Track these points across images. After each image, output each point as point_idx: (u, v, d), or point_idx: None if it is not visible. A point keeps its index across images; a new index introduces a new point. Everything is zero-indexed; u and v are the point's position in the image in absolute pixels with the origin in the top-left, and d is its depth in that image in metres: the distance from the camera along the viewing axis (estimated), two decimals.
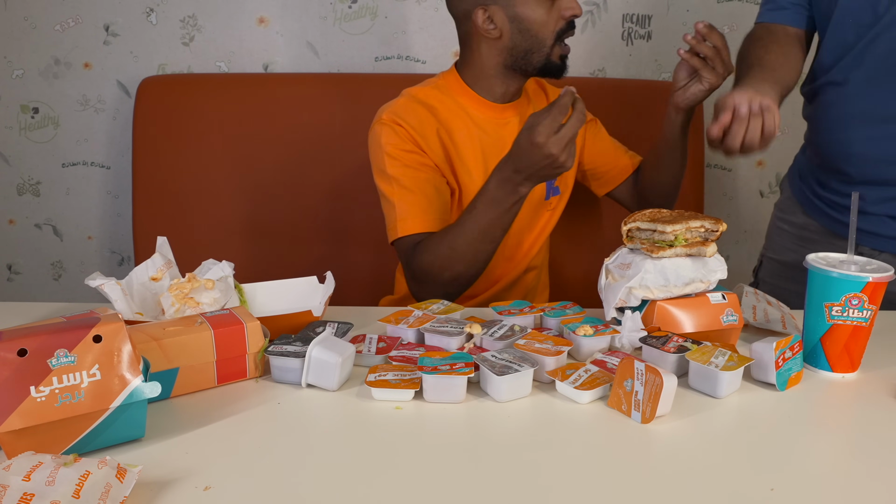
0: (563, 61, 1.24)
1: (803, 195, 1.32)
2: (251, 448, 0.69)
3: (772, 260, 1.39)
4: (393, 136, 1.21)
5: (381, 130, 1.23)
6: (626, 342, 0.91)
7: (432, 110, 1.24)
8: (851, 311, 0.85)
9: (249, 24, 1.83)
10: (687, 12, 1.84)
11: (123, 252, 1.99)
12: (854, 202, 0.89)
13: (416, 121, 1.22)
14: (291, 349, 0.83)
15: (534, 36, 1.20)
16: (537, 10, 1.18)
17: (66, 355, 0.64)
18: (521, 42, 1.20)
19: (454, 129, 1.25)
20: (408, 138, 1.21)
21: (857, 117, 1.16)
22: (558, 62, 1.23)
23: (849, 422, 0.80)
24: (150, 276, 0.97)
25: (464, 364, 0.80)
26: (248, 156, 1.76)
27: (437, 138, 1.23)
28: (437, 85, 1.28)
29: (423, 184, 1.21)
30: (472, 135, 1.26)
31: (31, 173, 1.93)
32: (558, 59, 1.23)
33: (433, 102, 1.25)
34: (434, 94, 1.27)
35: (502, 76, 1.25)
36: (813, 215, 1.30)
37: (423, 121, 1.22)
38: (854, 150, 1.18)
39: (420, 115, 1.23)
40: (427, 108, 1.24)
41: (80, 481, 0.56)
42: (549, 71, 1.24)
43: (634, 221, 0.97)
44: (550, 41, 1.20)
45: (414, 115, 1.22)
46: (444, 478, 0.65)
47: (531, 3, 1.18)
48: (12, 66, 1.85)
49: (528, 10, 1.18)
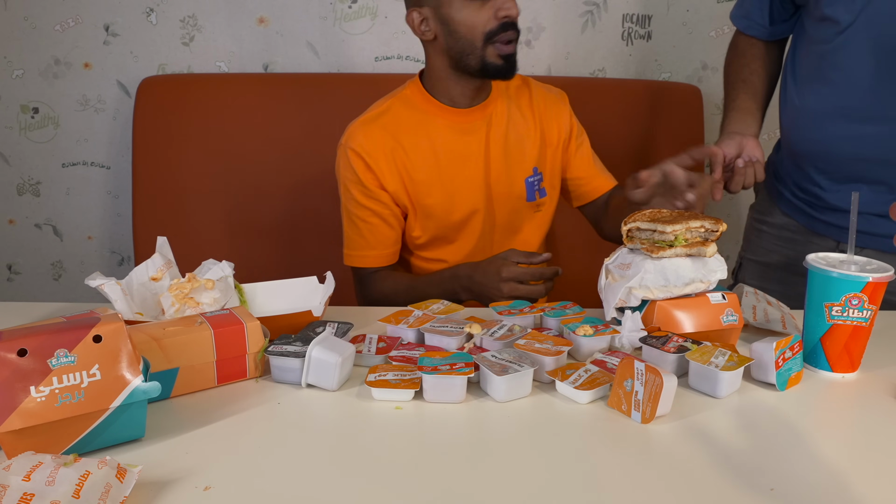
0: (506, 61, 1.20)
1: (780, 195, 1.33)
2: (251, 448, 0.69)
3: (751, 261, 1.40)
4: (347, 164, 1.26)
5: (339, 153, 1.29)
6: (626, 342, 0.91)
7: (390, 129, 1.26)
8: (851, 311, 0.85)
9: (249, 24, 1.83)
10: (687, 12, 1.84)
11: (123, 252, 1.99)
12: (854, 202, 0.89)
13: (371, 146, 1.25)
14: (291, 349, 0.82)
15: (462, 38, 1.18)
16: (462, 11, 1.17)
17: (66, 355, 0.64)
18: (454, 44, 1.20)
19: (410, 146, 1.26)
20: (361, 165, 1.25)
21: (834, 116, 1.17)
22: (499, 63, 1.20)
23: (849, 422, 0.80)
24: (150, 276, 0.97)
25: (464, 364, 0.79)
26: (248, 156, 1.76)
27: (392, 160, 1.25)
28: (400, 96, 1.30)
29: (370, 218, 1.28)
30: (429, 147, 1.27)
31: (31, 173, 1.93)
32: (498, 59, 1.19)
33: (392, 119, 1.27)
34: (395, 108, 1.28)
35: (454, 78, 1.25)
36: (792, 214, 1.31)
37: (379, 144, 1.25)
38: (832, 148, 1.18)
39: (375, 138, 1.25)
40: (383, 130, 1.25)
41: (80, 481, 0.56)
42: (492, 73, 1.22)
43: (634, 221, 0.97)
44: (480, 43, 1.18)
45: (369, 140, 1.25)
46: (444, 478, 0.65)
47: (456, 5, 1.16)
48: (12, 66, 1.86)
49: (453, 11, 1.17)
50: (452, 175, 1.28)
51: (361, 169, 1.25)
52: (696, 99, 1.81)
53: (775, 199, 1.34)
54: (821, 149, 1.21)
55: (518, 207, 1.33)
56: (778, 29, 1.29)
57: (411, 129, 1.27)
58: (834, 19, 1.12)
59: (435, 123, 1.27)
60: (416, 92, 1.29)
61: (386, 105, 1.29)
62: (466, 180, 1.29)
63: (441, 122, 1.27)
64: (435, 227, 1.30)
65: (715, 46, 1.86)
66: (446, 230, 1.31)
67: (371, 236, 1.29)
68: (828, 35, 1.15)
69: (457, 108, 1.27)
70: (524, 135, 1.32)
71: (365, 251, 1.31)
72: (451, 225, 1.31)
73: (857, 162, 1.17)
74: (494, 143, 1.29)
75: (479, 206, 1.30)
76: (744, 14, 1.32)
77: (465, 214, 1.30)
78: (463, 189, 1.29)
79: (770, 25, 1.29)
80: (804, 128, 1.23)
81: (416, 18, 1.21)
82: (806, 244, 1.27)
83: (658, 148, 1.77)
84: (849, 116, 1.15)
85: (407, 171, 1.26)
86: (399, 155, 1.25)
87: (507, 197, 1.32)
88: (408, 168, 1.26)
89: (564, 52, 1.85)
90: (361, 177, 1.25)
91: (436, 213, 1.29)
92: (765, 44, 1.32)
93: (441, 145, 1.27)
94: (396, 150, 1.25)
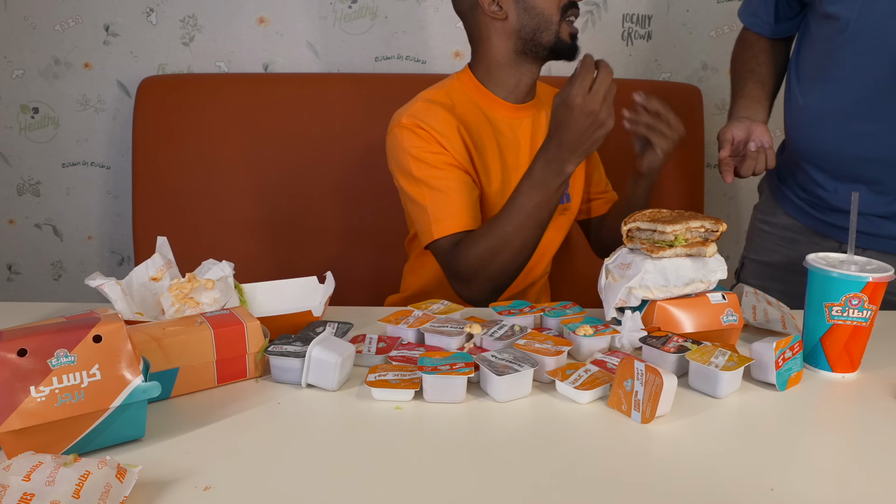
0: (573, 41, 1.22)
1: (783, 196, 1.33)
2: (251, 448, 0.69)
3: (754, 261, 1.40)
4: (416, 139, 1.20)
5: (401, 134, 1.22)
6: (626, 342, 0.91)
7: (450, 109, 1.24)
8: (851, 311, 0.85)
9: (249, 24, 1.83)
10: (687, 12, 1.84)
11: (123, 252, 1.99)
12: (854, 202, 0.89)
13: (436, 122, 1.21)
14: (291, 349, 0.82)
15: (539, 13, 1.19)
16: None
17: (66, 355, 0.64)
18: (528, 21, 1.20)
19: (472, 127, 1.25)
20: (431, 139, 1.20)
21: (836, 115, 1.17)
22: (568, 41, 1.21)
23: (849, 422, 0.80)
24: (150, 276, 0.97)
25: (464, 364, 0.79)
26: (247, 156, 1.76)
27: (459, 137, 1.22)
28: (451, 86, 1.28)
29: (452, 182, 1.20)
30: (489, 133, 1.26)
31: (31, 173, 1.93)
32: (568, 37, 1.21)
33: (449, 102, 1.25)
34: (449, 94, 1.27)
35: (515, 65, 1.24)
36: (794, 215, 1.31)
37: (443, 121, 1.21)
38: (833, 147, 1.19)
39: (439, 115, 1.22)
40: (445, 108, 1.23)
41: (80, 481, 0.56)
42: (561, 51, 1.22)
43: (634, 221, 0.97)
44: (556, 17, 1.19)
45: (434, 117, 1.21)
46: (444, 478, 0.65)
47: None
48: (12, 66, 1.85)
49: None
50: (509, 165, 1.26)
51: (431, 140, 1.19)
52: (696, 99, 1.81)
53: (778, 199, 1.35)
54: (822, 147, 1.21)
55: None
56: (783, 27, 1.30)
57: (468, 111, 1.25)
58: (836, 16, 1.13)
59: (489, 114, 1.27)
60: (467, 82, 1.28)
61: (441, 91, 1.27)
62: (515, 172, 1.26)
63: (494, 113, 1.27)
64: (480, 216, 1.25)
65: (715, 46, 1.86)
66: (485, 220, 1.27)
67: (459, 198, 1.18)
68: (830, 33, 1.15)
69: (507, 102, 1.27)
70: None
71: (457, 216, 1.17)
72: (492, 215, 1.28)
73: (857, 161, 1.17)
74: (537, 142, 1.29)
75: None
76: (751, 11, 1.33)
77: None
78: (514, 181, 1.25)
79: (775, 23, 1.30)
80: (806, 126, 1.23)
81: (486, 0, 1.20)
82: (809, 245, 1.27)
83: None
84: (850, 115, 1.15)
85: (474, 147, 1.23)
86: (463, 133, 1.23)
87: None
88: (475, 144, 1.23)
89: None
90: (435, 145, 1.19)
91: (489, 201, 1.26)
92: (770, 41, 1.33)
93: (499, 132, 1.26)
94: (462, 131, 1.23)
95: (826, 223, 1.26)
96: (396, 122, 1.23)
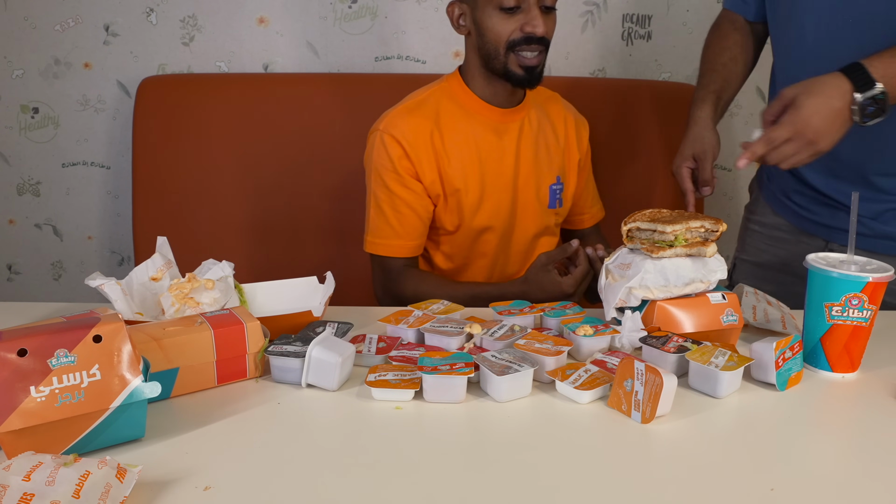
0: (527, 72, 1.21)
1: (772, 195, 1.33)
2: (251, 448, 0.69)
3: (745, 261, 1.40)
4: (382, 151, 1.25)
5: (373, 140, 1.28)
6: (626, 342, 0.91)
7: (431, 117, 1.26)
8: (851, 311, 0.85)
9: (249, 24, 1.83)
10: (687, 12, 1.84)
11: (123, 252, 1.99)
12: (854, 202, 0.89)
13: (409, 130, 1.25)
14: (291, 349, 0.82)
15: (489, 42, 1.21)
16: (492, 18, 1.19)
17: (66, 355, 0.64)
18: (482, 45, 1.23)
19: (448, 131, 1.27)
20: (398, 152, 1.24)
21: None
22: (519, 72, 1.21)
23: (849, 422, 0.80)
24: (150, 276, 0.97)
25: (464, 364, 0.79)
26: (247, 156, 1.76)
27: (431, 148, 1.25)
28: (439, 88, 1.31)
29: (399, 206, 1.27)
30: (469, 141, 1.28)
31: (31, 173, 1.93)
32: (518, 69, 1.21)
33: (433, 108, 1.27)
34: (436, 97, 1.29)
35: (486, 76, 1.27)
36: (783, 214, 1.31)
37: (416, 129, 1.25)
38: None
39: (413, 123, 1.25)
40: (422, 116, 1.26)
41: (80, 481, 0.56)
42: (513, 80, 1.23)
43: (634, 221, 0.97)
44: (502, 50, 1.20)
45: (407, 124, 1.25)
46: (444, 478, 0.65)
47: (488, 10, 1.19)
48: (12, 66, 1.85)
49: (484, 16, 1.20)
50: (486, 171, 1.28)
51: (398, 156, 1.25)
52: None
53: (767, 199, 1.35)
54: None
55: (539, 212, 1.35)
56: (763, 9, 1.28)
57: (451, 118, 1.27)
58: None
59: (474, 118, 1.29)
60: (455, 85, 1.30)
61: (426, 94, 1.30)
62: (498, 178, 1.29)
63: (479, 117, 1.29)
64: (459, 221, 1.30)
65: None
66: (470, 226, 1.31)
67: (399, 225, 1.28)
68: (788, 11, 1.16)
69: (493, 106, 1.29)
70: (552, 144, 1.35)
71: (391, 240, 1.29)
72: (475, 220, 1.30)
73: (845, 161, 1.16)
74: (525, 147, 1.31)
75: (504, 206, 1.31)
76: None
77: (491, 212, 1.30)
78: (494, 186, 1.29)
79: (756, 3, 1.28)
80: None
81: (455, 11, 1.25)
82: (796, 244, 1.28)
83: (658, 148, 1.77)
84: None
85: (446, 158, 1.26)
86: (438, 142, 1.26)
87: (531, 200, 1.33)
88: (447, 156, 1.26)
89: (564, 52, 1.85)
90: (397, 164, 1.25)
91: (465, 207, 1.29)
92: (745, 33, 1.31)
93: (479, 140, 1.28)
94: (436, 137, 1.26)
95: (812, 221, 1.25)
96: (376, 125, 1.28)
